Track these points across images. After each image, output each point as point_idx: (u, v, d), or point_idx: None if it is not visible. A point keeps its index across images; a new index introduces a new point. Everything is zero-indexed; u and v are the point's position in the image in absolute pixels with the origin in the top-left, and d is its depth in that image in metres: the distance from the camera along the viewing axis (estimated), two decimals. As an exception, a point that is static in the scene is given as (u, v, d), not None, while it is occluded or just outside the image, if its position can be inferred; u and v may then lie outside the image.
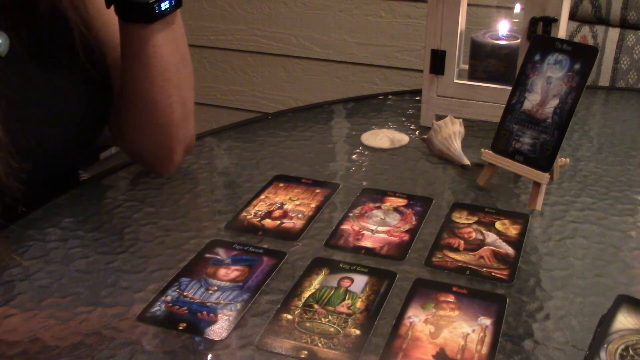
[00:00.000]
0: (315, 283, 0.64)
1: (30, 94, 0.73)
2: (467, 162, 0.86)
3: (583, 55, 0.74)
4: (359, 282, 0.64)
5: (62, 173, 0.87)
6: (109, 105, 0.83)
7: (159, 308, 0.61)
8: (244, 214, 0.76)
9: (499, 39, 0.97)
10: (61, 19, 0.75)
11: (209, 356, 0.56)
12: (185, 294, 0.63)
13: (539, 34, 0.88)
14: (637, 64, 1.48)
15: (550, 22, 0.87)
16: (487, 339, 0.56)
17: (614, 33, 1.50)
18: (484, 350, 0.55)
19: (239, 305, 0.61)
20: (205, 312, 0.60)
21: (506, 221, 0.74)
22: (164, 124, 0.80)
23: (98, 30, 0.80)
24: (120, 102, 0.81)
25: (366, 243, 0.70)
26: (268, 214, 0.76)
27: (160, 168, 0.84)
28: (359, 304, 0.61)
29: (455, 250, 0.69)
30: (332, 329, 0.58)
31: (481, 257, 0.68)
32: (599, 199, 0.79)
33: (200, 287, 0.64)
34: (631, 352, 0.53)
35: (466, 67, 1.00)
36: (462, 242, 0.70)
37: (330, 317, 0.59)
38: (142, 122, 0.80)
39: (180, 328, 0.59)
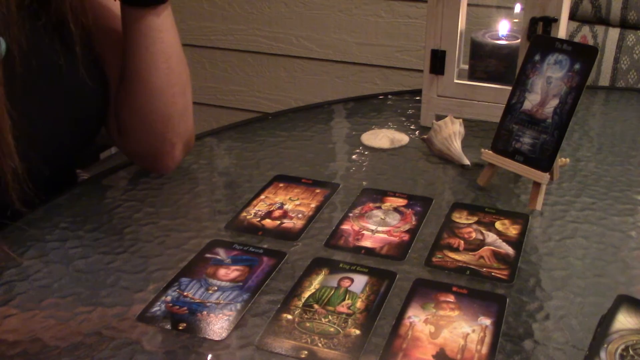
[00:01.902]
0: (315, 283, 0.64)
1: (27, 99, 0.73)
2: (467, 162, 0.86)
3: (583, 55, 0.74)
4: (359, 282, 0.64)
5: (60, 173, 0.87)
6: (107, 106, 0.83)
7: (159, 308, 0.61)
8: (244, 214, 0.76)
9: (499, 39, 0.97)
10: (63, 29, 0.75)
11: (209, 356, 0.56)
12: (185, 294, 0.63)
13: (539, 34, 0.88)
14: (637, 64, 1.48)
15: (550, 22, 0.87)
16: (487, 339, 0.56)
17: (614, 33, 1.50)
18: (484, 350, 0.55)
19: (239, 305, 0.61)
20: (205, 312, 0.60)
21: (506, 221, 0.74)
22: (167, 115, 0.81)
23: (97, 34, 0.80)
24: (120, 98, 0.81)
25: (366, 243, 0.70)
26: (268, 214, 0.76)
27: (161, 165, 0.84)
28: (359, 304, 0.61)
29: (455, 250, 0.69)
30: (332, 329, 0.58)
31: (481, 257, 0.68)
32: (599, 199, 0.79)
33: (200, 287, 0.64)
34: (631, 352, 0.53)
35: (466, 67, 1.00)
36: (462, 242, 0.70)
37: (330, 317, 0.59)
38: (145, 114, 0.80)
39: (180, 328, 0.59)
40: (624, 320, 0.55)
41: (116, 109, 0.82)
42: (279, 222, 0.74)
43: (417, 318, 0.59)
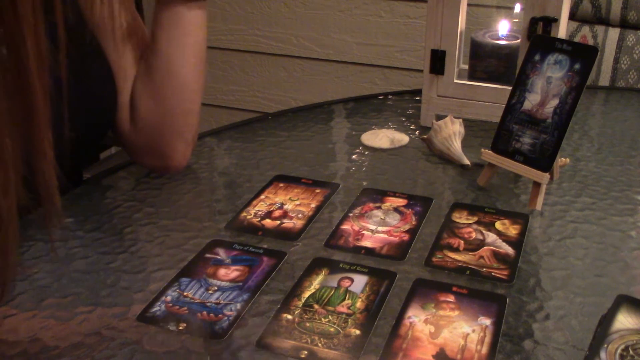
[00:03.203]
0: (315, 283, 0.64)
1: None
2: (467, 162, 0.86)
3: (583, 55, 0.74)
4: (359, 282, 0.64)
5: (67, 176, 0.87)
6: (115, 111, 0.83)
7: (159, 308, 0.61)
8: (244, 214, 0.76)
9: (499, 39, 0.97)
10: (73, 34, 0.76)
11: (209, 356, 0.56)
12: (185, 294, 0.63)
13: (539, 34, 0.88)
14: (637, 64, 1.48)
15: (550, 22, 0.87)
16: (487, 339, 0.56)
17: (614, 33, 1.50)
18: (484, 350, 0.55)
19: (239, 305, 0.61)
20: (205, 312, 0.60)
21: (506, 221, 0.74)
22: (188, 112, 0.82)
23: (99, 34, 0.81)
24: (144, 91, 0.81)
25: (366, 243, 0.70)
26: (268, 214, 0.76)
27: (172, 163, 0.84)
28: (359, 304, 0.61)
29: (455, 250, 0.69)
30: (332, 329, 0.58)
31: (481, 257, 0.68)
32: (599, 199, 0.79)
33: (200, 287, 0.64)
34: (631, 352, 0.53)
35: (466, 67, 1.00)
36: (462, 242, 0.70)
37: (330, 317, 0.59)
38: (168, 108, 0.81)
39: (180, 328, 0.59)
40: (624, 320, 0.55)
41: (135, 103, 0.82)
42: (279, 222, 0.74)
43: (417, 318, 0.59)
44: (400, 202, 0.78)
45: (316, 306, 0.61)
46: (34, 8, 0.48)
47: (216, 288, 0.63)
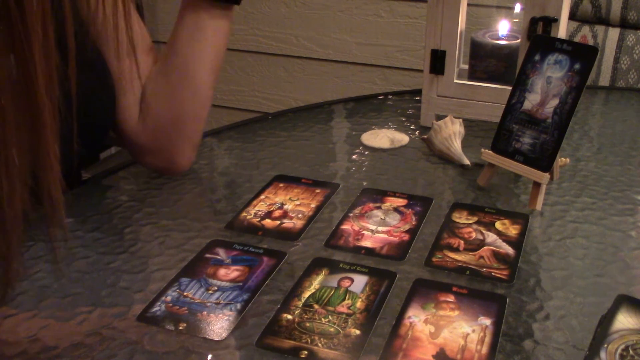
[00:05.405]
0: (315, 283, 0.64)
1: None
2: (467, 162, 0.86)
3: (583, 55, 0.74)
4: (359, 282, 0.64)
5: (66, 177, 0.87)
6: (115, 112, 0.83)
7: (159, 308, 0.61)
8: (244, 214, 0.76)
9: (499, 39, 0.97)
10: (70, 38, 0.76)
11: (209, 356, 0.56)
12: (185, 294, 0.63)
13: (539, 34, 0.88)
14: (637, 64, 1.48)
15: (550, 22, 0.87)
16: (487, 339, 0.56)
17: (614, 33, 1.50)
18: (484, 350, 0.55)
19: (239, 305, 0.61)
20: (205, 312, 0.60)
21: (506, 221, 0.74)
22: (199, 117, 0.82)
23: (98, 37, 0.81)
24: (157, 93, 0.81)
25: (366, 243, 0.70)
26: (268, 214, 0.76)
27: (177, 166, 0.84)
28: (359, 304, 0.61)
29: (455, 250, 0.69)
30: (332, 329, 0.58)
31: (481, 257, 0.68)
32: (599, 199, 0.79)
33: (200, 287, 0.64)
34: (631, 352, 0.53)
35: (466, 67, 1.00)
36: (462, 242, 0.70)
37: (330, 317, 0.59)
38: (181, 111, 0.81)
39: (180, 328, 0.59)
40: (624, 320, 0.55)
41: (148, 104, 0.82)
42: (279, 222, 0.74)
43: (417, 318, 0.59)
44: (400, 202, 0.78)
45: (316, 306, 0.61)
46: (44, 20, 0.47)
47: (216, 288, 0.63)
